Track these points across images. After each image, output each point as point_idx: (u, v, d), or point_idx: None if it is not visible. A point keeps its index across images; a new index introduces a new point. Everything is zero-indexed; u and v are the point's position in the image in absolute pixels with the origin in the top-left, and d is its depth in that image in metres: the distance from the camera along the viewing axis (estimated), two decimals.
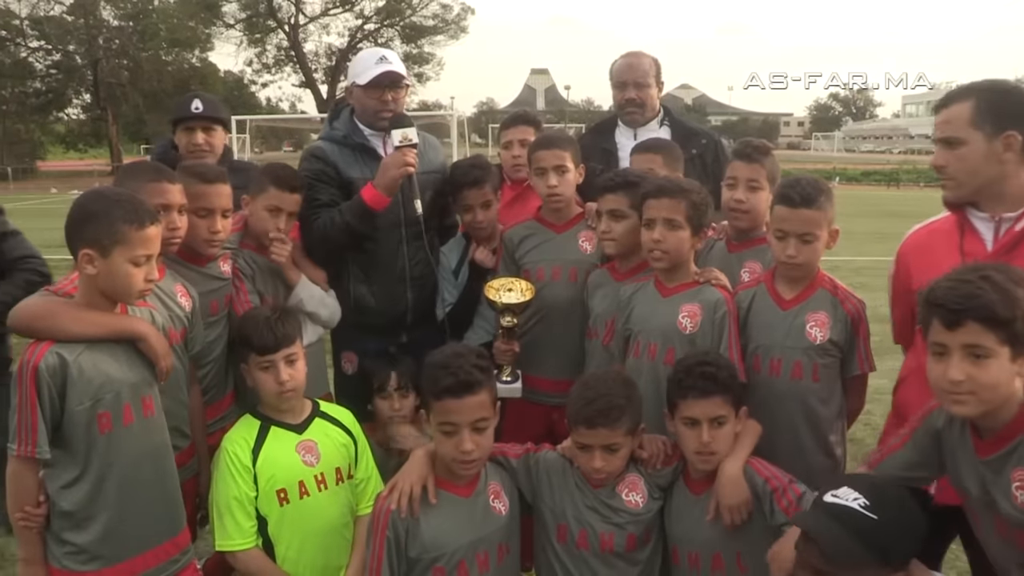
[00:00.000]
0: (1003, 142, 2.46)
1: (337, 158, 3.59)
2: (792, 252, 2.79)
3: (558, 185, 3.40)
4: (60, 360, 2.38)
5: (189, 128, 3.79)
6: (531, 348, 3.47)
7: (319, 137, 3.88)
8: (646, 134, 4.19)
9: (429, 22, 55.82)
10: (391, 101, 3.57)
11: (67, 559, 2.50)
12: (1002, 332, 1.95)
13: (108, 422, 2.47)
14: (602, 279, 3.32)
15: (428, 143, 3.85)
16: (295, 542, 2.84)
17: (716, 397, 2.57)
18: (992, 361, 1.97)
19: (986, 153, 2.48)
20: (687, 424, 2.60)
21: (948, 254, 2.55)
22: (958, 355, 1.99)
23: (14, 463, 2.43)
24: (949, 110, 2.54)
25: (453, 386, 2.45)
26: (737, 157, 3.31)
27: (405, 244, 3.63)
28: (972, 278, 2.00)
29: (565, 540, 2.70)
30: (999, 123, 2.46)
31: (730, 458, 2.61)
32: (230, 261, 3.31)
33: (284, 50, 55.92)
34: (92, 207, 2.46)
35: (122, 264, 2.43)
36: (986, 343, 1.97)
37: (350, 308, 3.67)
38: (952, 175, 2.56)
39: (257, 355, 2.83)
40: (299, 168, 3.63)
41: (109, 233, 2.40)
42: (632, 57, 4.32)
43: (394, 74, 3.56)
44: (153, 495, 2.61)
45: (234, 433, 2.89)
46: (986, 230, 2.57)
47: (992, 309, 1.94)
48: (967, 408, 2.03)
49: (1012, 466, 2.05)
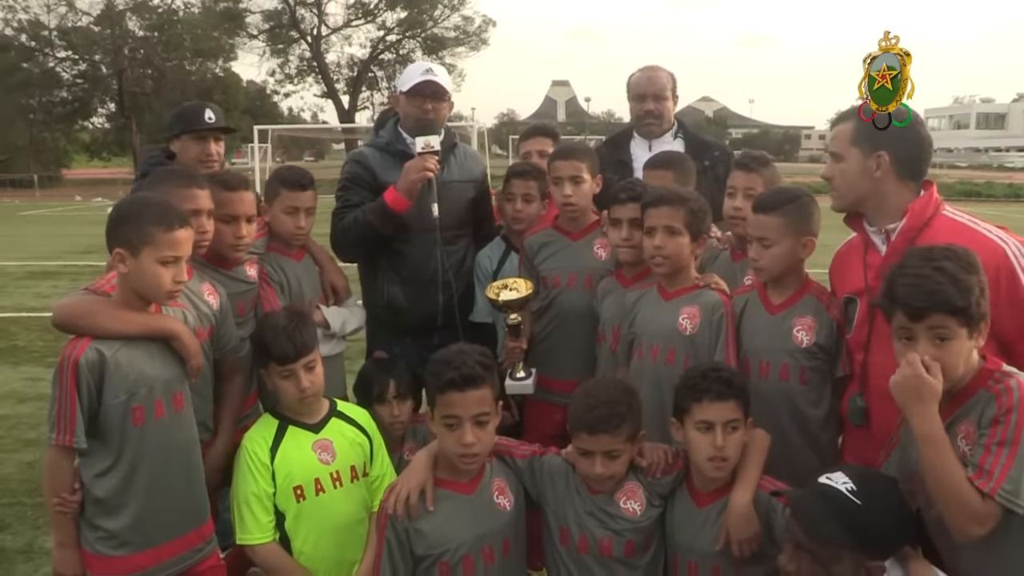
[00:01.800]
0: (875, 160, 2.72)
1: (376, 163, 3.78)
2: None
3: (572, 195, 3.50)
4: (99, 356, 2.53)
5: (202, 137, 3.82)
6: (549, 351, 3.58)
7: (364, 144, 4.06)
8: (661, 146, 4.30)
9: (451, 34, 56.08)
10: (431, 111, 3.71)
11: (99, 544, 2.64)
12: (961, 317, 2.18)
13: (141, 415, 2.62)
14: (610, 286, 3.42)
15: (467, 153, 4.04)
16: (311, 537, 2.93)
17: (731, 401, 2.60)
18: (953, 342, 2.20)
19: (862, 169, 2.75)
20: (701, 428, 2.60)
21: (855, 267, 2.86)
22: (924, 339, 2.21)
23: (52, 452, 2.59)
24: (838, 127, 2.84)
25: (456, 379, 2.53)
26: (736, 168, 3.49)
27: (439, 248, 3.75)
28: (928, 272, 2.20)
29: (567, 544, 2.75)
30: (873, 143, 2.71)
31: (740, 488, 2.62)
32: (256, 265, 3.43)
33: (306, 61, 56.31)
34: (126, 210, 2.64)
35: (150, 264, 2.57)
36: (949, 326, 2.19)
37: (383, 308, 3.81)
38: (836, 186, 2.84)
39: (277, 364, 2.92)
40: (342, 171, 3.87)
41: (139, 234, 2.56)
42: (650, 71, 4.44)
43: (435, 84, 3.71)
44: (180, 486, 2.75)
45: (253, 432, 2.99)
46: (879, 242, 2.81)
47: (952, 302, 2.17)
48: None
49: (959, 422, 2.25)
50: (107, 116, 51.06)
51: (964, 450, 2.21)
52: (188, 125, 3.81)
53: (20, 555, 4.38)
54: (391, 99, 4.01)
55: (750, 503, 2.58)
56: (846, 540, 2.17)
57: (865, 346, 2.76)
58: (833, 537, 2.18)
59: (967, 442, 2.21)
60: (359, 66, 56.55)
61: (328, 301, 3.70)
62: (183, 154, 3.80)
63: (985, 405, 2.20)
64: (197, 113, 3.83)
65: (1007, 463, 2.10)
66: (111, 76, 46.10)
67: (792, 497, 2.36)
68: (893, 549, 2.25)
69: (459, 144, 3.98)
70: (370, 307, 3.89)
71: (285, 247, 3.59)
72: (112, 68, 45.58)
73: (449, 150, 3.80)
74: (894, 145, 2.69)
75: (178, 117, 3.91)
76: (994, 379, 2.23)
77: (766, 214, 2.94)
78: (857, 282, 2.82)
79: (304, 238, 3.62)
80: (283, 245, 3.58)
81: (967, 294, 2.17)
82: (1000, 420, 2.15)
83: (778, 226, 2.91)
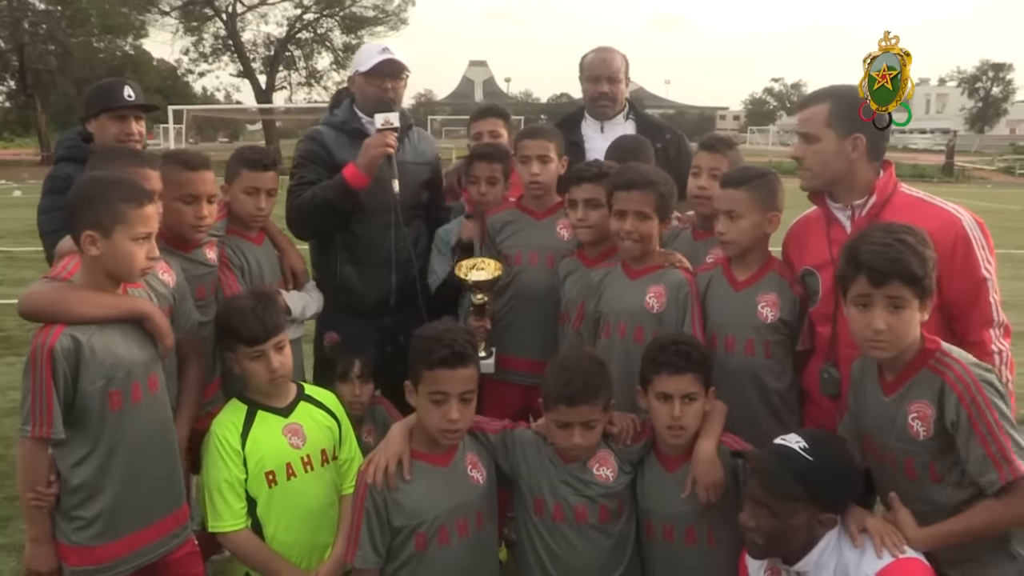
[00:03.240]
0: (851, 142, 2.81)
1: (332, 142, 3.75)
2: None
3: (540, 174, 3.55)
4: (74, 342, 2.46)
5: (121, 116, 3.58)
6: (509, 330, 3.60)
7: (320, 122, 4.01)
8: (612, 127, 4.37)
9: (369, 13, 55.12)
10: (390, 90, 3.71)
11: (75, 534, 2.58)
12: (916, 287, 2.34)
13: (119, 400, 2.57)
14: (573, 266, 3.47)
15: (422, 136, 4.04)
16: (283, 522, 2.91)
17: (689, 374, 2.72)
18: (907, 311, 2.36)
19: (837, 150, 2.83)
20: (660, 399, 2.74)
21: (818, 241, 2.96)
22: (880, 305, 2.35)
23: (27, 444, 2.50)
24: (809, 109, 2.90)
25: (448, 357, 2.58)
26: (702, 148, 3.58)
27: (393, 228, 3.74)
28: (891, 242, 2.36)
29: (542, 513, 2.83)
30: (850, 126, 2.79)
31: (704, 438, 2.76)
32: (216, 248, 3.36)
33: (221, 39, 54.49)
34: (89, 191, 2.54)
35: (124, 243, 2.52)
36: (904, 295, 2.34)
37: (335, 287, 3.78)
38: (808, 166, 2.91)
39: (246, 346, 2.87)
40: (296, 149, 3.82)
41: (109, 214, 2.50)
42: (604, 52, 4.48)
43: (395, 62, 3.72)
44: (157, 470, 2.72)
45: (222, 418, 2.94)
46: (844, 218, 2.92)
47: (911, 269, 2.32)
48: (885, 352, 2.41)
49: (908, 400, 2.42)
50: (7, 94, 48.44)
51: (918, 430, 2.38)
52: (106, 103, 3.57)
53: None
54: (349, 81, 3.98)
55: (713, 450, 2.74)
56: (801, 493, 2.36)
57: (832, 317, 2.87)
58: (789, 490, 2.37)
59: (923, 422, 2.37)
60: (276, 45, 54.99)
61: (288, 285, 3.66)
62: (101, 134, 3.57)
63: (941, 390, 2.36)
64: (115, 90, 3.58)
65: (1006, 445, 2.27)
66: (10, 51, 43.73)
67: (752, 456, 2.54)
68: (845, 501, 2.45)
69: (413, 127, 3.97)
70: (322, 287, 3.85)
71: (245, 229, 3.53)
72: (11, 43, 43.25)
73: (404, 132, 3.78)
74: (869, 128, 2.79)
75: (94, 96, 3.67)
76: (935, 359, 2.41)
77: (735, 188, 3.03)
78: (820, 255, 2.93)
79: (264, 220, 3.56)
80: (243, 227, 3.52)
81: (923, 265, 2.34)
82: (972, 409, 2.30)
83: (746, 200, 3.00)
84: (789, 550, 2.43)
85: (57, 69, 43.13)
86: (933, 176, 37.41)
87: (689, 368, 2.72)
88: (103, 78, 4.59)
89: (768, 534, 2.41)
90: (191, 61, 55.03)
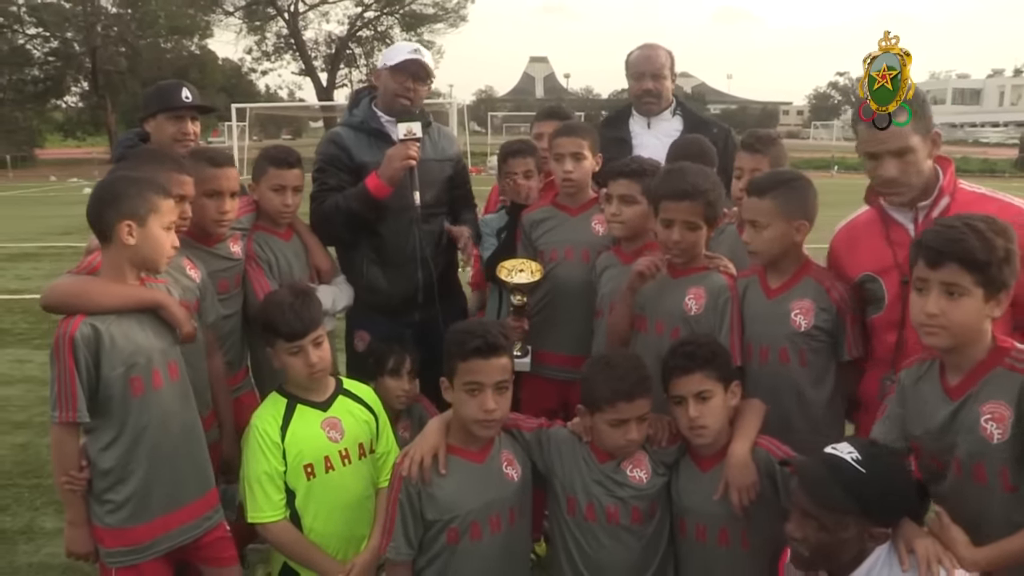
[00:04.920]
0: (931, 140, 2.71)
1: (352, 143, 3.79)
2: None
3: (573, 171, 3.54)
4: (93, 330, 2.58)
5: (178, 117, 3.69)
6: (545, 325, 3.60)
7: (339, 122, 4.05)
8: (659, 123, 4.36)
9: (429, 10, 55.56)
10: (411, 90, 3.74)
11: (108, 517, 2.69)
12: (978, 274, 2.18)
13: (141, 386, 2.67)
14: (609, 260, 3.44)
15: (443, 133, 4.05)
16: (321, 514, 2.96)
17: (696, 373, 2.68)
18: (965, 299, 2.20)
19: (926, 154, 2.72)
20: (676, 403, 2.73)
21: (875, 245, 2.83)
22: (936, 291, 2.22)
23: (57, 430, 2.62)
24: (890, 130, 2.67)
25: (482, 347, 2.61)
26: (743, 148, 3.52)
27: (416, 226, 3.78)
28: (958, 224, 2.23)
29: (575, 513, 2.82)
30: (928, 124, 2.71)
31: (738, 440, 2.69)
32: (240, 242, 3.49)
33: (283, 38, 55.65)
34: (121, 187, 2.69)
35: (157, 231, 2.69)
36: (962, 282, 2.19)
37: (363, 288, 3.84)
38: (905, 182, 2.72)
39: (285, 341, 2.93)
40: (316, 151, 3.86)
41: (144, 204, 2.65)
42: (648, 49, 4.46)
43: (423, 65, 3.76)
44: (183, 454, 2.80)
45: (263, 411, 3.01)
46: (906, 220, 2.80)
47: (972, 253, 2.17)
48: (937, 340, 2.25)
49: (981, 401, 2.26)
50: (80, 95, 50.16)
51: (992, 432, 2.22)
52: (164, 104, 3.69)
53: (20, 535, 4.38)
54: (373, 75, 4.01)
55: (747, 453, 2.67)
56: (851, 506, 2.22)
57: (899, 324, 2.75)
58: (839, 503, 2.23)
59: (998, 424, 2.21)
60: (337, 43, 55.96)
61: (315, 281, 3.73)
62: (158, 133, 3.69)
63: (1022, 390, 2.20)
64: (173, 92, 3.71)
65: None
66: (84, 54, 45.23)
67: (798, 465, 2.42)
68: (897, 516, 2.31)
69: (433, 123, 3.99)
70: None
71: (273, 225, 3.66)
72: (85, 46, 44.72)
73: (423, 129, 3.76)
74: (933, 125, 2.71)
75: (153, 96, 3.79)
76: (1012, 357, 2.25)
77: (758, 197, 2.92)
78: (881, 260, 2.81)
79: (291, 216, 3.67)
80: (271, 223, 3.65)
81: (988, 252, 2.17)
82: None
83: (770, 209, 2.89)
84: (837, 564, 2.30)
85: (127, 70, 44.53)
86: (1004, 171, 36.19)
87: (695, 367, 2.68)
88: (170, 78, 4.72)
89: (816, 547, 2.28)
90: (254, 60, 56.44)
